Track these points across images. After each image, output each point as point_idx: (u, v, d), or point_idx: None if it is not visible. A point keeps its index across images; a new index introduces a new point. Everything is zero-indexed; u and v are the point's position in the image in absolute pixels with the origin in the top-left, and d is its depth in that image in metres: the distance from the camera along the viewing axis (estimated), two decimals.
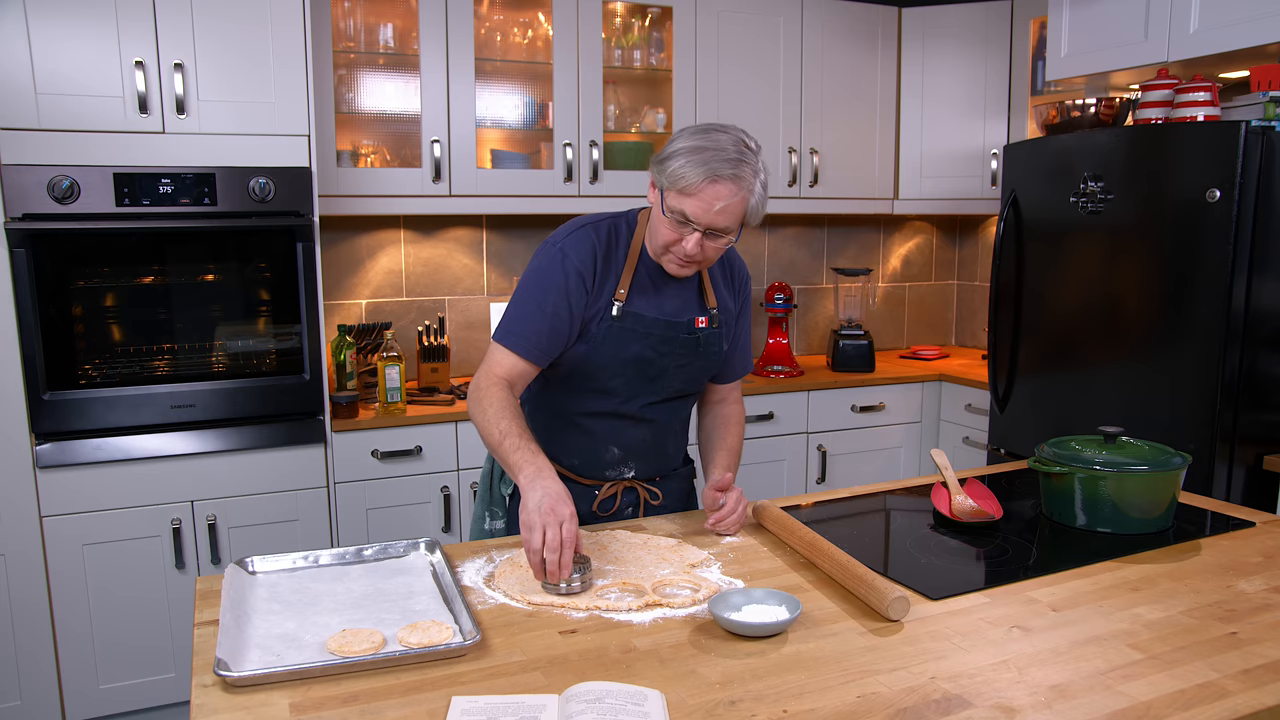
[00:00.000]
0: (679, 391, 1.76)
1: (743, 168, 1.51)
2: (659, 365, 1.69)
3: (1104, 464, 1.63)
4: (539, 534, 1.36)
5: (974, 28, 3.57)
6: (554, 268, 1.62)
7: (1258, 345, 2.44)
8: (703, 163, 1.49)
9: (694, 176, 1.49)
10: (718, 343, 1.75)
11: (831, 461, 3.42)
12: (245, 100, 2.52)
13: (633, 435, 1.75)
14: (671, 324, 1.68)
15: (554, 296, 1.61)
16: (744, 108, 3.38)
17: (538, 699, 1.07)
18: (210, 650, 1.18)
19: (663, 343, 1.68)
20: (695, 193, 1.50)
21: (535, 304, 1.62)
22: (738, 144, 1.52)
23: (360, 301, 3.27)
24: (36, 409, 2.41)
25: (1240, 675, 1.13)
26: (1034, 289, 2.96)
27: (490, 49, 3.15)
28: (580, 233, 1.66)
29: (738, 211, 1.53)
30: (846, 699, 1.07)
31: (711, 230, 1.54)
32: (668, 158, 1.53)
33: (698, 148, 1.51)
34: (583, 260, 1.63)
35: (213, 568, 2.60)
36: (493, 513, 1.84)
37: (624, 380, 1.69)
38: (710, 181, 1.49)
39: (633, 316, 1.65)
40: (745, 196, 1.53)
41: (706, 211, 1.51)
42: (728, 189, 1.50)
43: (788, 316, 3.60)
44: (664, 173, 1.54)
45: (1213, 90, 2.59)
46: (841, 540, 1.53)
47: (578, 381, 1.70)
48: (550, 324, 1.61)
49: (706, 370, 1.77)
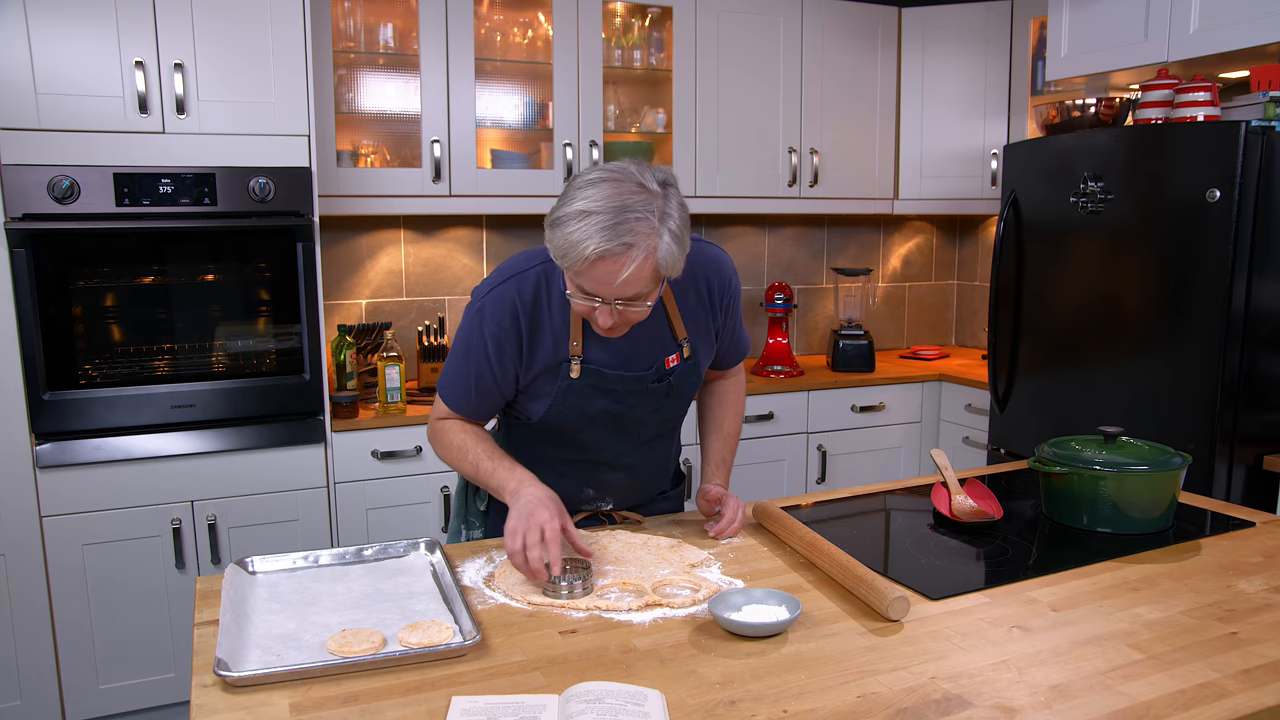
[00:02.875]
0: (655, 434, 1.67)
1: (638, 227, 1.30)
2: (629, 417, 1.60)
3: (1104, 464, 1.63)
4: (518, 539, 1.36)
5: (974, 28, 3.57)
6: (474, 329, 1.52)
7: (1258, 345, 2.44)
8: (585, 235, 1.30)
9: (579, 253, 1.31)
10: (695, 370, 1.63)
11: (831, 461, 3.42)
12: (245, 100, 2.52)
13: (609, 478, 1.68)
14: (638, 378, 1.55)
15: (475, 361, 1.53)
16: (744, 108, 3.38)
17: (538, 699, 1.07)
18: (210, 650, 1.18)
19: (629, 395, 1.56)
20: (587, 272, 1.33)
21: (458, 364, 1.56)
22: (633, 194, 1.31)
23: (360, 301, 3.27)
24: (36, 409, 2.41)
25: (1240, 675, 1.13)
26: (1034, 289, 2.96)
27: (490, 49, 3.15)
28: (501, 289, 1.51)
29: (644, 276, 1.34)
30: (846, 699, 1.07)
31: (621, 299, 1.37)
32: (554, 223, 1.34)
33: (581, 212, 1.30)
34: (500, 325, 1.50)
35: (213, 568, 2.60)
36: (469, 523, 1.80)
37: (594, 434, 1.60)
38: (599, 258, 1.31)
39: (593, 373, 1.53)
40: (646, 259, 1.32)
41: (605, 286, 1.34)
42: (617, 262, 1.31)
43: (788, 316, 3.60)
44: (552, 244, 1.36)
45: (1213, 90, 2.59)
46: (841, 540, 1.53)
47: (546, 434, 1.62)
48: (476, 385, 1.55)
49: (685, 403, 1.67)
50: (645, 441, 1.67)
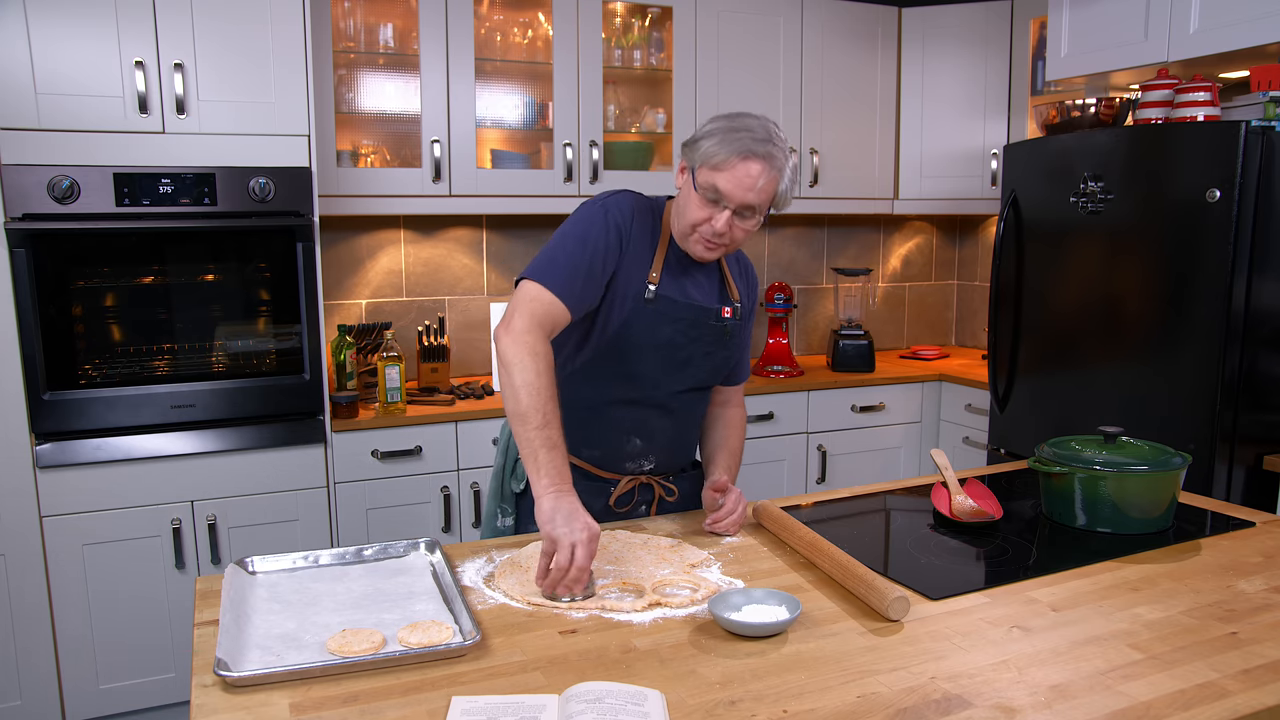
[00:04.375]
0: (702, 382, 1.76)
1: (773, 148, 1.55)
2: (687, 351, 1.70)
3: (1104, 464, 1.63)
4: (567, 553, 1.33)
5: (974, 28, 3.57)
6: (595, 217, 1.63)
7: (1258, 345, 2.44)
8: (736, 140, 1.53)
9: (727, 152, 1.53)
10: (739, 334, 1.77)
11: (831, 461, 3.42)
12: (245, 100, 2.52)
13: (657, 425, 1.74)
14: (703, 309, 1.69)
15: (593, 242, 1.60)
16: (744, 108, 3.35)
17: (538, 699, 1.07)
18: (210, 650, 1.18)
19: (692, 327, 1.69)
20: (728, 168, 1.54)
21: (576, 241, 1.59)
22: (766, 129, 1.57)
23: (360, 301, 3.27)
24: (36, 409, 2.41)
25: (1240, 675, 1.13)
26: (1034, 289, 2.96)
27: (490, 49, 3.15)
28: (622, 195, 1.69)
29: (769, 190, 1.57)
30: (846, 699, 1.07)
31: (742, 208, 1.56)
32: (700, 138, 1.58)
33: (730, 129, 1.55)
34: (623, 217, 1.65)
35: (213, 568, 2.60)
36: (503, 509, 1.83)
37: (652, 365, 1.68)
38: (743, 158, 1.53)
39: (665, 300, 1.66)
40: (776, 176, 1.56)
41: (739, 187, 1.54)
42: (759, 166, 1.54)
43: (788, 316, 3.60)
44: (696, 152, 1.58)
45: (1213, 90, 2.59)
46: (841, 540, 1.53)
47: (607, 366, 1.68)
48: (589, 263, 1.58)
49: (727, 362, 1.78)
50: (693, 388, 1.75)
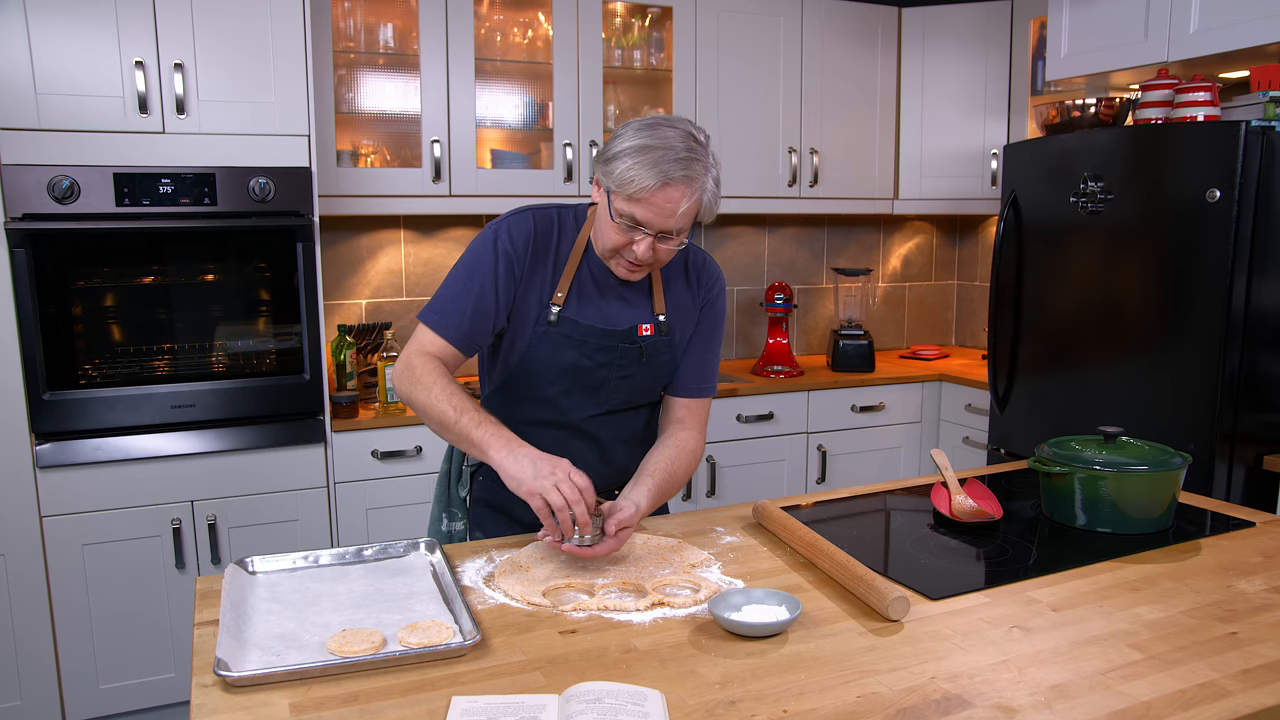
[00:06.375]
0: (625, 404, 1.66)
1: (694, 166, 1.42)
2: (598, 375, 1.61)
3: (1104, 464, 1.63)
4: (555, 493, 1.34)
5: (974, 27, 3.57)
6: (485, 246, 1.56)
7: (1258, 345, 2.44)
8: (652, 164, 1.40)
9: (644, 181, 1.41)
10: (667, 351, 1.65)
11: (831, 461, 3.42)
12: (245, 100, 2.52)
13: (577, 449, 1.64)
14: (609, 333, 1.59)
15: (480, 277, 1.54)
16: (744, 107, 3.38)
17: (538, 699, 1.07)
18: (210, 650, 1.18)
19: (599, 351, 1.59)
20: (645, 197, 1.42)
21: (461, 282, 1.55)
22: (687, 139, 1.43)
23: (360, 301, 3.27)
24: (36, 409, 2.41)
25: (1240, 675, 1.13)
26: (1034, 289, 2.96)
27: (490, 49, 3.15)
28: (519, 216, 1.58)
29: (690, 213, 1.46)
30: (846, 699, 1.07)
31: (663, 234, 1.47)
32: (613, 157, 1.44)
33: (645, 147, 1.41)
34: (514, 242, 1.55)
35: (213, 568, 2.60)
36: (451, 514, 1.78)
37: (562, 389, 1.61)
38: (661, 186, 1.41)
39: (569, 322, 1.57)
40: (698, 197, 1.45)
41: (658, 215, 1.44)
42: (679, 192, 1.42)
43: (788, 316, 3.60)
44: (610, 175, 1.45)
45: (1213, 90, 2.59)
46: (841, 540, 1.53)
47: (519, 388, 1.63)
48: (474, 304, 1.54)
49: (656, 381, 1.67)
50: (613, 410, 1.66)
